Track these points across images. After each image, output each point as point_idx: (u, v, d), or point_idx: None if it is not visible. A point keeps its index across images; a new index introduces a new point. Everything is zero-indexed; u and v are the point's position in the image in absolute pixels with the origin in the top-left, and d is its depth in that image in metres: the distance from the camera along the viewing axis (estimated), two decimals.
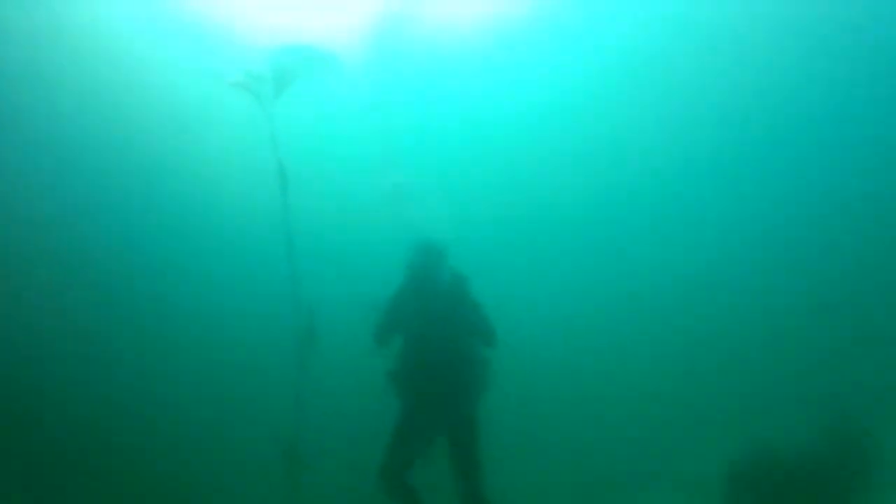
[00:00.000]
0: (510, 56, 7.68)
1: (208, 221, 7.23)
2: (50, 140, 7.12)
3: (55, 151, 7.14)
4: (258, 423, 6.30)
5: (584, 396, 6.92)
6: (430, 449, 5.03)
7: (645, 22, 7.57)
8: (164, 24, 7.36)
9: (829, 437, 6.57)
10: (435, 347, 4.99)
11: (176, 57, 7.43)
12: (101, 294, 6.90)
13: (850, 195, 7.66)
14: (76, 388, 6.60)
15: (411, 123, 7.40)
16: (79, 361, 6.74)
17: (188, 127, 7.42)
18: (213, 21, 7.37)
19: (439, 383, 4.96)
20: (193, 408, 6.64)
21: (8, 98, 7.00)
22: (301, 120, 6.81)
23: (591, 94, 7.64)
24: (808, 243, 7.60)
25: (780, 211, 7.74)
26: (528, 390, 6.04)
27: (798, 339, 7.30)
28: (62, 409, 6.57)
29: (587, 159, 7.69)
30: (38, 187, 7.01)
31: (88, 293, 6.87)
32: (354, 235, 6.88)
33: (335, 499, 6.07)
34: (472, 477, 4.98)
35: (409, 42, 7.46)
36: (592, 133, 7.68)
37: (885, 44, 7.60)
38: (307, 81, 6.90)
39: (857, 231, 7.53)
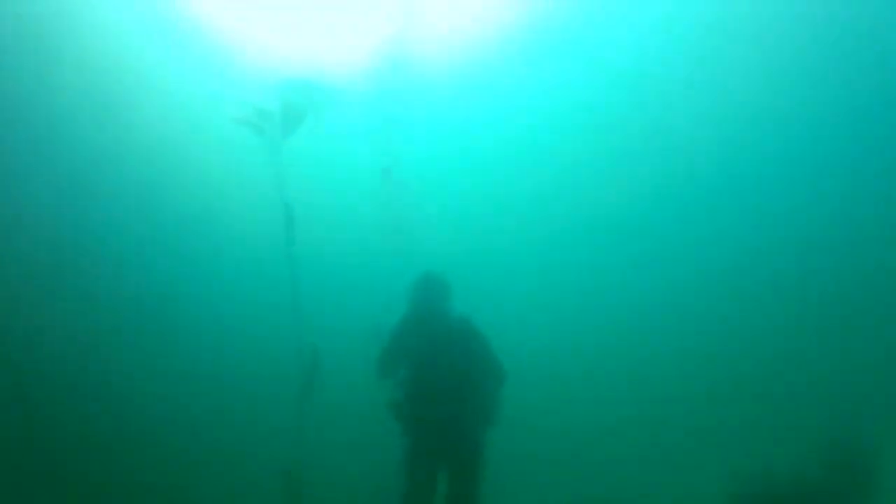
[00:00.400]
0: (515, 77, 7.75)
1: (214, 248, 7.32)
2: (57, 174, 7.21)
3: (62, 186, 7.20)
4: (261, 450, 6.42)
5: (582, 418, 6.92)
6: (436, 481, 5.07)
7: (651, 33, 7.63)
8: (171, 46, 7.48)
9: (830, 459, 6.61)
10: (439, 379, 5.03)
11: (185, 83, 7.54)
12: (107, 322, 6.94)
13: (859, 216, 7.63)
14: (78, 409, 6.66)
15: (414, 148, 7.49)
16: (85, 386, 6.78)
17: (196, 157, 7.53)
18: (221, 46, 7.52)
19: (442, 414, 5.00)
20: (197, 435, 6.70)
21: (19, 113, 7.10)
22: (307, 154, 6.99)
23: (594, 115, 7.65)
24: (813, 263, 7.54)
25: (780, 231, 7.66)
26: (526, 411, 6.03)
27: (800, 362, 7.27)
28: (63, 426, 6.60)
29: (593, 178, 7.68)
30: (41, 216, 7.05)
31: (96, 321, 6.94)
32: (359, 266, 6.97)
33: None
34: None
35: (414, 66, 7.57)
36: (598, 152, 7.69)
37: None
38: (314, 118, 7.11)
39: (864, 253, 7.50)
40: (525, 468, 6.41)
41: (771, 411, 6.97)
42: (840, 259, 7.42)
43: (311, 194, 6.73)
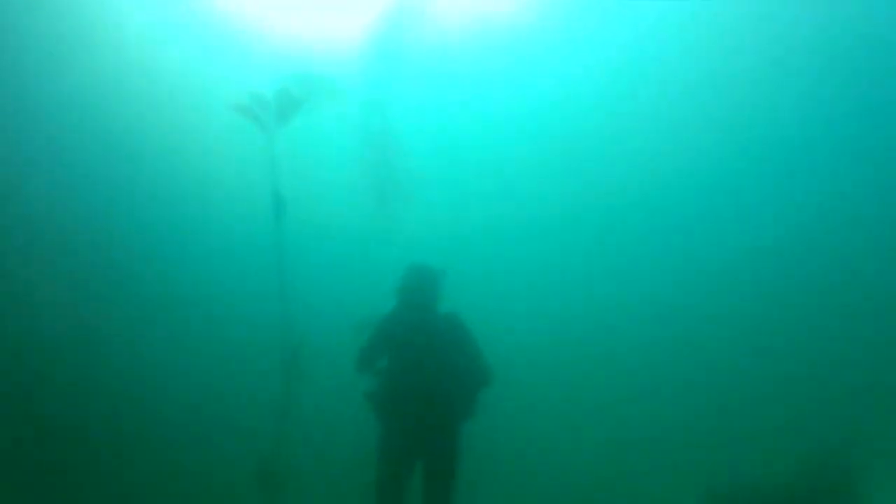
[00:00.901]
0: (512, 60, 7.67)
1: (205, 234, 7.30)
2: (50, 150, 7.21)
3: (55, 161, 7.21)
4: (240, 442, 6.38)
5: (561, 422, 6.89)
6: (410, 474, 5.05)
7: (648, 24, 7.56)
8: (171, 32, 7.51)
9: (811, 471, 6.58)
10: (419, 372, 5.01)
11: (184, 69, 7.53)
12: (89, 310, 6.96)
13: (852, 220, 7.58)
14: (57, 397, 6.63)
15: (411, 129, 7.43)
16: (63, 370, 6.76)
17: (190, 142, 7.51)
18: (222, 32, 7.57)
19: (420, 407, 4.98)
20: (176, 425, 6.68)
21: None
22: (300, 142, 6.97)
23: (596, 98, 7.57)
24: (800, 263, 7.47)
25: (770, 232, 7.59)
26: (505, 406, 5.97)
27: (785, 371, 7.20)
28: (41, 415, 6.59)
29: (590, 168, 7.61)
30: (33, 195, 7.04)
31: (79, 305, 6.93)
32: (348, 256, 6.94)
33: None
34: None
35: (411, 45, 7.53)
36: (597, 139, 7.61)
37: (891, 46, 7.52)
38: (309, 107, 7.11)
39: (853, 254, 7.42)
40: (500, 463, 6.37)
41: (754, 413, 6.90)
42: (828, 260, 7.35)
43: (304, 183, 6.72)
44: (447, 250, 5.59)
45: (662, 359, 7.10)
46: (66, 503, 6.23)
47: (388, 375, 5.13)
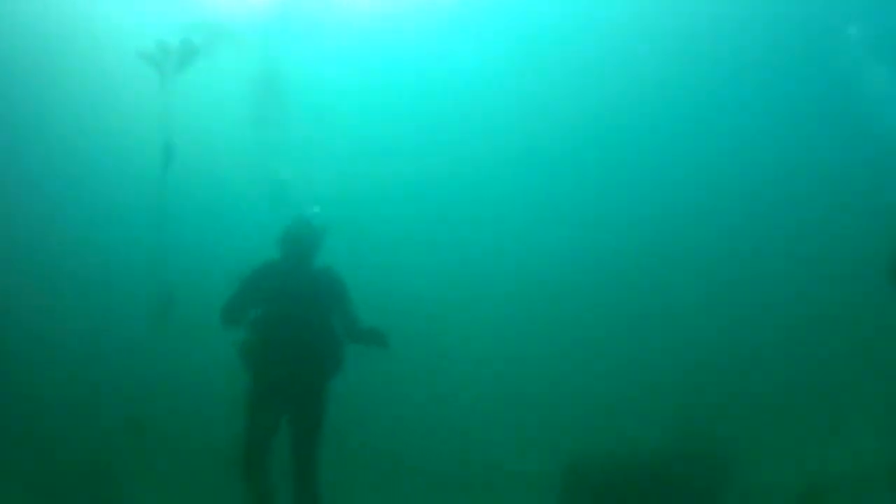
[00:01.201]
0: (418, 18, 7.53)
1: (88, 179, 7.10)
2: None
3: None
4: (111, 389, 6.25)
5: (431, 382, 6.85)
6: (277, 429, 5.05)
7: None
8: None
9: (680, 445, 6.73)
10: (290, 325, 4.97)
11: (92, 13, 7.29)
12: None
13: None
14: None
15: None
16: None
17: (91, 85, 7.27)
18: None
19: (288, 362, 4.95)
20: (44, 366, 6.50)
21: None
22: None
23: (509, 57, 7.37)
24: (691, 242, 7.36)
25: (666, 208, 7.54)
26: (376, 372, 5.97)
27: (654, 339, 7.15)
28: None
29: (483, 122, 7.43)
30: None
31: None
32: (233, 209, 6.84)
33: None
34: (309, 464, 4.98)
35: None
36: (499, 96, 7.44)
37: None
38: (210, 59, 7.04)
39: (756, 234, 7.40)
40: (368, 420, 6.39)
41: (620, 380, 6.98)
42: (729, 241, 7.37)
43: (195, 133, 6.60)
44: (331, 205, 5.51)
45: (537, 324, 7.11)
46: None
47: (259, 327, 5.08)
